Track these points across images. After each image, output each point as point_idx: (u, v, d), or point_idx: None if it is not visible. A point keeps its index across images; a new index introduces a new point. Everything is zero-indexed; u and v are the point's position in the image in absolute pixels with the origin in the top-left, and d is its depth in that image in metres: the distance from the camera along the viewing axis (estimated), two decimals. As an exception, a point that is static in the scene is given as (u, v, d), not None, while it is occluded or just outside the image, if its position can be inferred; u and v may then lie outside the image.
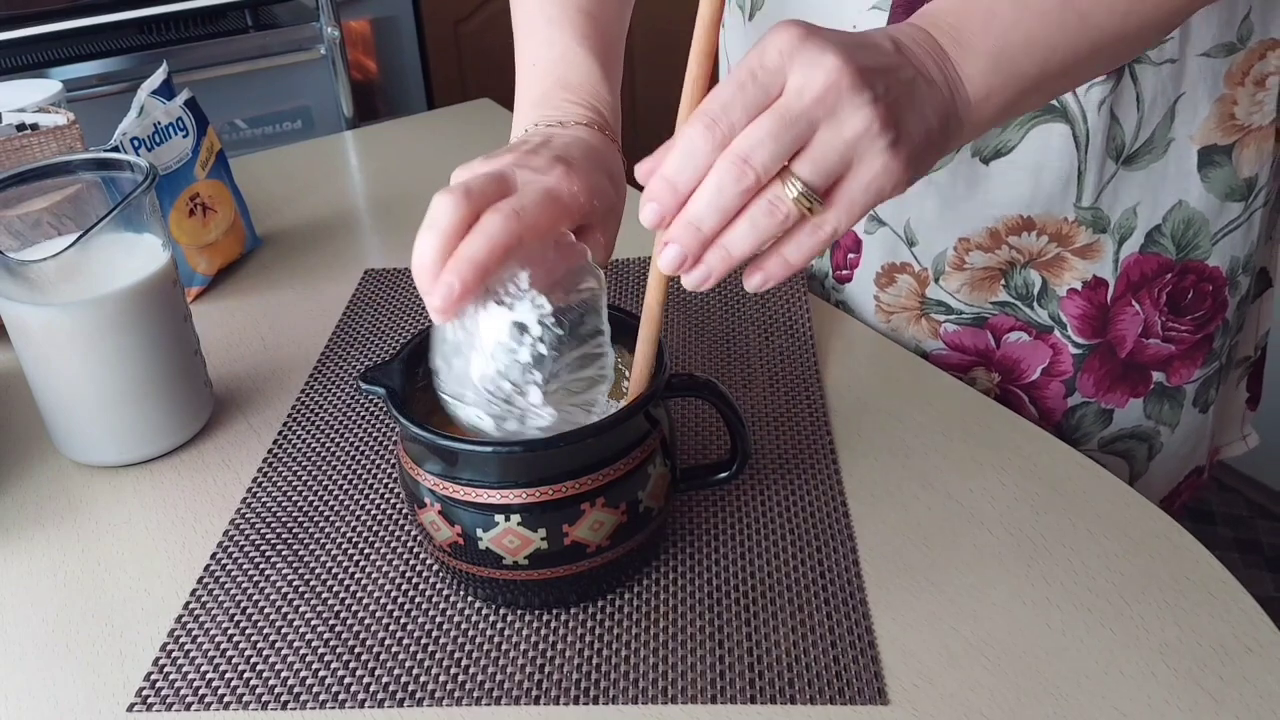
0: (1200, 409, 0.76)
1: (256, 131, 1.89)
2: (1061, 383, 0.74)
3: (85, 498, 0.63)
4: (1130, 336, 0.72)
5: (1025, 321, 0.74)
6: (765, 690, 0.48)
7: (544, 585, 0.51)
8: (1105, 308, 0.71)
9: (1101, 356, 0.73)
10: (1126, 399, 0.74)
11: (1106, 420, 0.75)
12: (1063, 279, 0.71)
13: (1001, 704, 0.47)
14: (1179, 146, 0.67)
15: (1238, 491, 1.88)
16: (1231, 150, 0.67)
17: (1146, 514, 0.57)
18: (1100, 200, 0.68)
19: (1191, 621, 0.50)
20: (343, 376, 0.73)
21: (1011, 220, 0.70)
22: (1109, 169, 0.67)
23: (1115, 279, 0.70)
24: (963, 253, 0.72)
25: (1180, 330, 0.72)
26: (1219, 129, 0.67)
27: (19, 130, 0.78)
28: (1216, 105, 0.66)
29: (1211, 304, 0.72)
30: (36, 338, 0.61)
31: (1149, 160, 0.67)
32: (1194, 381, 0.74)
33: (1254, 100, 0.66)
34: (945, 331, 0.76)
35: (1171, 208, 0.68)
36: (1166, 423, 0.75)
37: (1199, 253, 0.70)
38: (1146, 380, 0.74)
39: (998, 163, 0.68)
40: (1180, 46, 0.64)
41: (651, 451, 0.51)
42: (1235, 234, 0.70)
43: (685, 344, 0.74)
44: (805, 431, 0.65)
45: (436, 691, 0.49)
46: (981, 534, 0.56)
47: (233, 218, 0.88)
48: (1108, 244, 0.70)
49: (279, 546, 0.58)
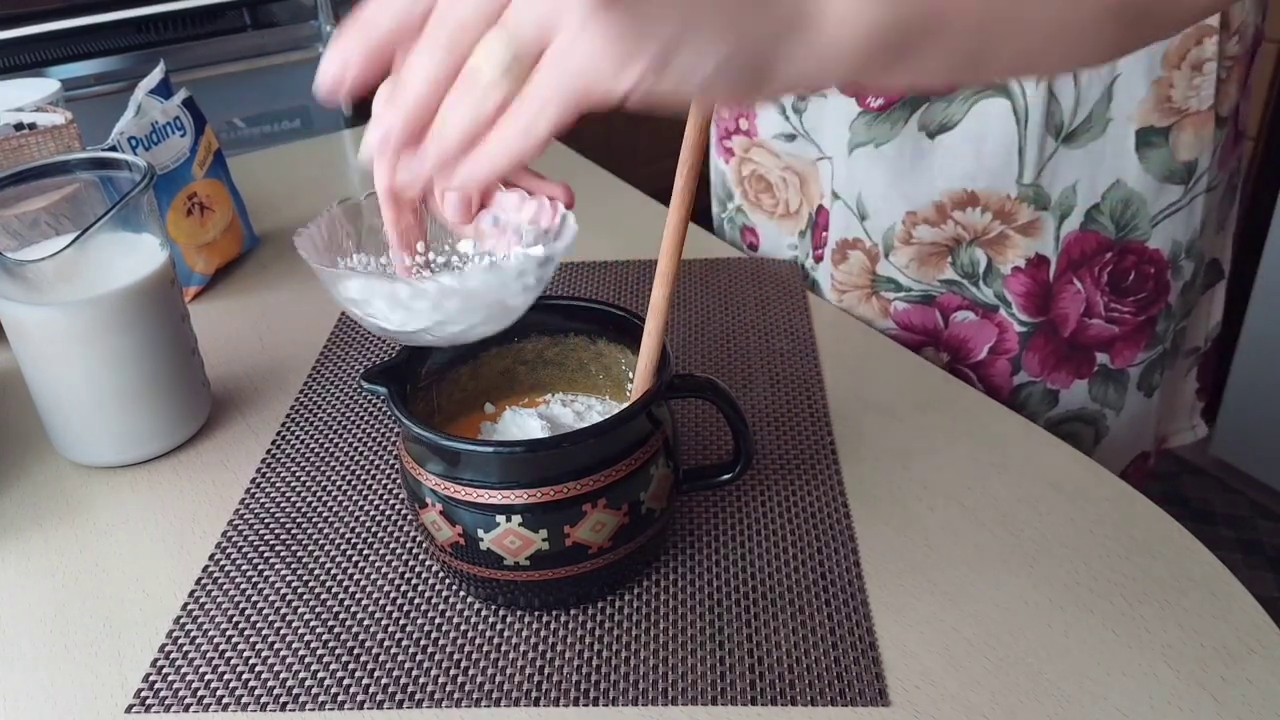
0: (1145, 393, 0.78)
1: (255, 131, 1.88)
2: (1008, 360, 0.76)
3: (83, 498, 0.62)
4: (1073, 315, 0.73)
5: (971, 300, 0.75)
6: (766, 691, 0.48)
7: (545, 586, 0.51)
8: (1048, 285, 0.73)
9: (1046, 335, 0.74)
10: (1071, 380, 0.76)
11: (1052, 401, 0.77)
12: (1006, 256, 0.73)
13: (1002, 704, 0.47)
14: (1117, 126, 0.68)
15: (1240, 492, 1.88)
16: (1169, 132, 0.68)
17: (1148, 514, 0.57)
18: (1041, 177, 0.70)
19: (1193, 622, 0.50)
20: (342, 376, 0.73)
21: (957, 194, 0.72)
22: (1049, 146, 0.69)
23: (1056, 256, 0.72)
24: (910, 227, 0.74)
25: (1123, 311, 0.73)
26: (1155, 110, 0.68)
27: (16, 130, 0.78)
28: (1154, 87, 0.67)
29: (1154, 286, 0.73)
30: (34, 338, 0.61)
31: (1088, 139, 0.69)
32: (1137, 364, 0.76)
33: (1191, 84, 0.67)
34: (895, 310, 0.78)
35: (1110, 187, 0.70)
36: (1111, 406, 0.77)
37: (1138, 233, 0.71)
38: (1090, 361, 0.75)
39: (943, 136, 0.71)
40: None
41: (654, 452, 0.51)
42: (1176, 217, 0.71)
43: (685, 344, 0.74)
44: (806, 432, 0.64)
45: (436, 693, 0.49)
46: (982, 534, 0.56)
47: (231, 217, 0.87)
48: (1049, 221, 0.71)
49: (278, 547, 0.58)
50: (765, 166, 0.85)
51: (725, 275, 0.83)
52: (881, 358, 0.72)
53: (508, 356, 0.59)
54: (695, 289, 0.81)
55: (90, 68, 1.72)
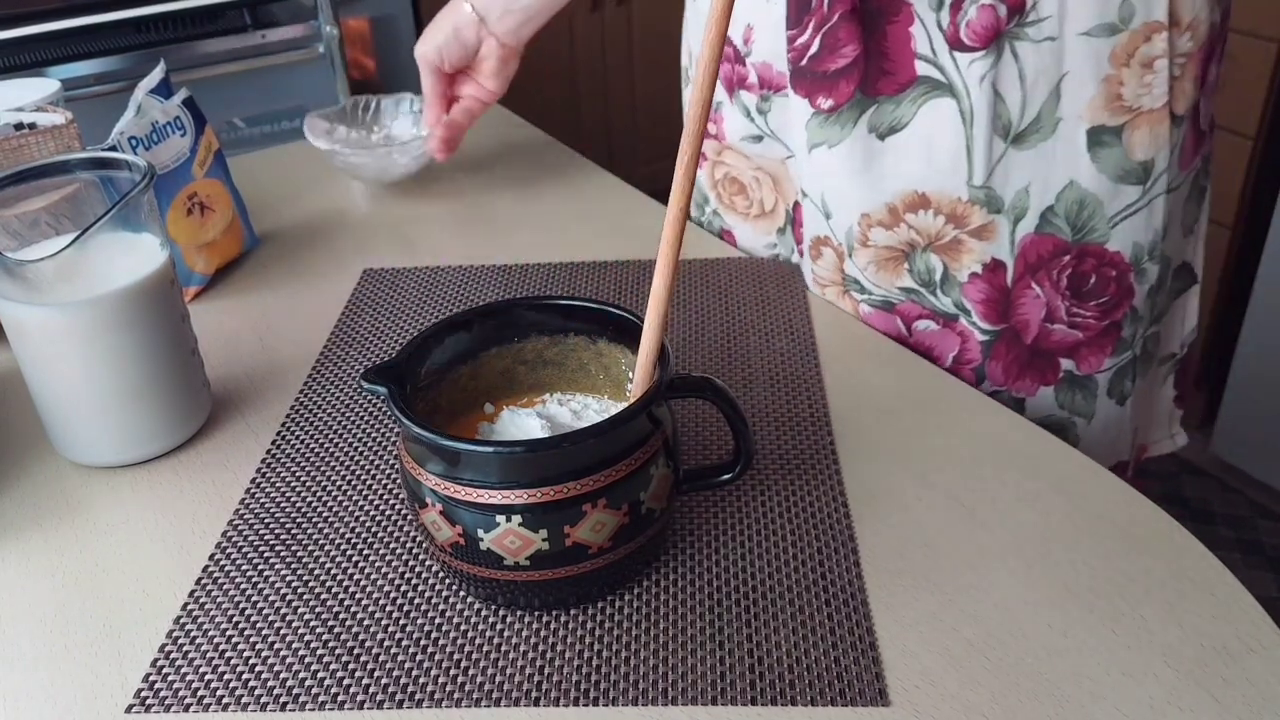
0: (1116, 400, 0.77)
1: (255, 131, 1.89)
2: (972, 370, 0.75)
3: (83, 498, 0.62)
4: (1034, 321, 0.73)
5: (931, 309, 0.75)
6: (766, 691, 0.48)
7: (545, 586, 0.51)
8: (1006, 291, 0.72)
9: (1008, 342, 0.74)
10: (1036, 387, 0.75)
11: (1019, 410, 0.76)
12: (962, 263, 0.72)
13: (1002, 704, 0.47)
14: (1068, 126, 0.67)
15: (1239, 492, 1.88)
16: (1121, 131, 0.68)
17: (1148, 514, 0.57)
18: (992, 180, 0.69)
19: (1193, 622, 0.50)
20: (342, 377, 0.73)
21: (908, 196, 0.71)
22: (998, 147, 0.68)
23: (1013, 260, 0.71)
24: (865, 229, 0.74)
25: (1085, 316, 0.72)
26: (1106, 109, 0.67)
27: (16, 130, 0.78)
28: (1103, 85, 0.66)
29: (1116, 290, 0.72)
30: (34, 338, 0.61)
31: (1037, 140, 0.68)
32: (1105, 371, 0.75)
33: (1142, 82, 0.67)
34: (863, 312, 0.78)
35: (1063, 188, 0.69)
36: (1081, 413, 0.76)
37: (1096, 235, 0.70)
38: (1055, 368, 0.74)
39: (893, 138, 0.70)
40: (1059, 24, 0.65)
41: (654, 452, 0.51)
42: (1135, 218, 0.70)
43: (685, 344, 0.74)
44: (806, 432, 0.64)
45: (436, 693, 0.49)
46: (982, 534, 0.56)
47: (231, 217, 0.87)
48: (1003, 225, 0.70)
49: (278, 547, 0.58)
50: (737, 169, 0.86)
51: (725, 275, 0.83)
52: (881, 358, 0.72)
53: (508, 356, 0.59)
54: (695, 289, 0.81)
55: (90, 68, 1.72)
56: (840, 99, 0.71)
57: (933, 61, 0.67)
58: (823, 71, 0.70)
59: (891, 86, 0.69)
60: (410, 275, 0.85)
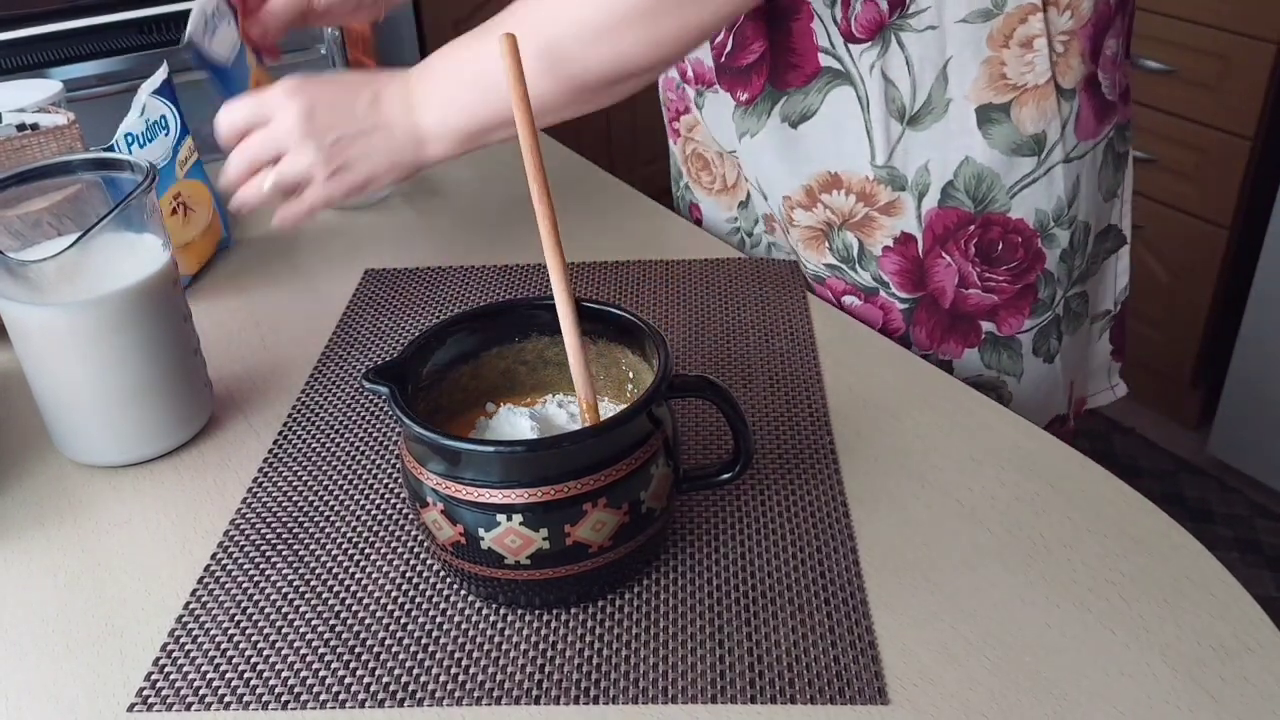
0: (1043, 359, 0.80)
1: (256, 131, 1.88)
2: (898, 339, 0.79)
3: (85, 498, 0.63)
4: (949, 287, 0.77)
5: (853, 285, 0.79)
6: (765, 690, 0.48)
7: (545, 585, 0.51)
8: (919, 260, 0.76)
9: (927, 308, 0.78)
10: (961, 349, 0.79)
11: (948, 371, 0.78)
12: (875, 238, 0.77)
13: (1001, 703, 0.47)
14: (958, 106, 0.72)
15: (1238, 491, 1.88)
16: (1009, 108, 0.71)
17: (1147, 513, 0.57)
18: (893, 159, 0.74)
19: (1191, 621, 0.50)
20: (343, 376, 0.73)
21: (822, 177, 0.76)
22: (894, 129, 0.73)
23: (922, 233, 0.75)
24: (789, 210, 0.80)
25: (998, 280, 0.76)
26: (990, 88, 0.71)
27: (19, 130, 0.78)
28: (984, 67, 0.70)
29: (1024, 255, 0.76)
30: (36, 338, 0.61)
31: (931, 120, 0.72)
32: (1027, 331, 0.78)
33: (1024, 61, 0.70)
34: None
35: (960, 163, 0.73)
36: (1009, 372, 0.80)
37: (998, 205, 0.74)
38: (976, 330, 0.78)
39: (804, 125, 0.76)
40: (938, 14, 0.69)
41: (654, 452, 0.51)
42: (1034, 188, 0.74)
43: (685, 344, 0.74)
44: (805, 432, 0.65)
45: (436, 691, 0.49)
46: (981, 533, 0.56)
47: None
48: (908, 201, 0.75)
49: (279, 546, 0.58)
50: (704, 144, 0.89)
51: (725, 275, 0.83)
52: (881, 357, 0.73)
53: (508, 357, 0.59)
54: (695, 289, 0.81)
55: (93, 69, 1.72)
56: (754, 91, 0.76)
57: (832, 53, 0.72)
58: (737, 66, 0.76)
59: (799, 78, 0.74)
60: (412, 275, 0.85)
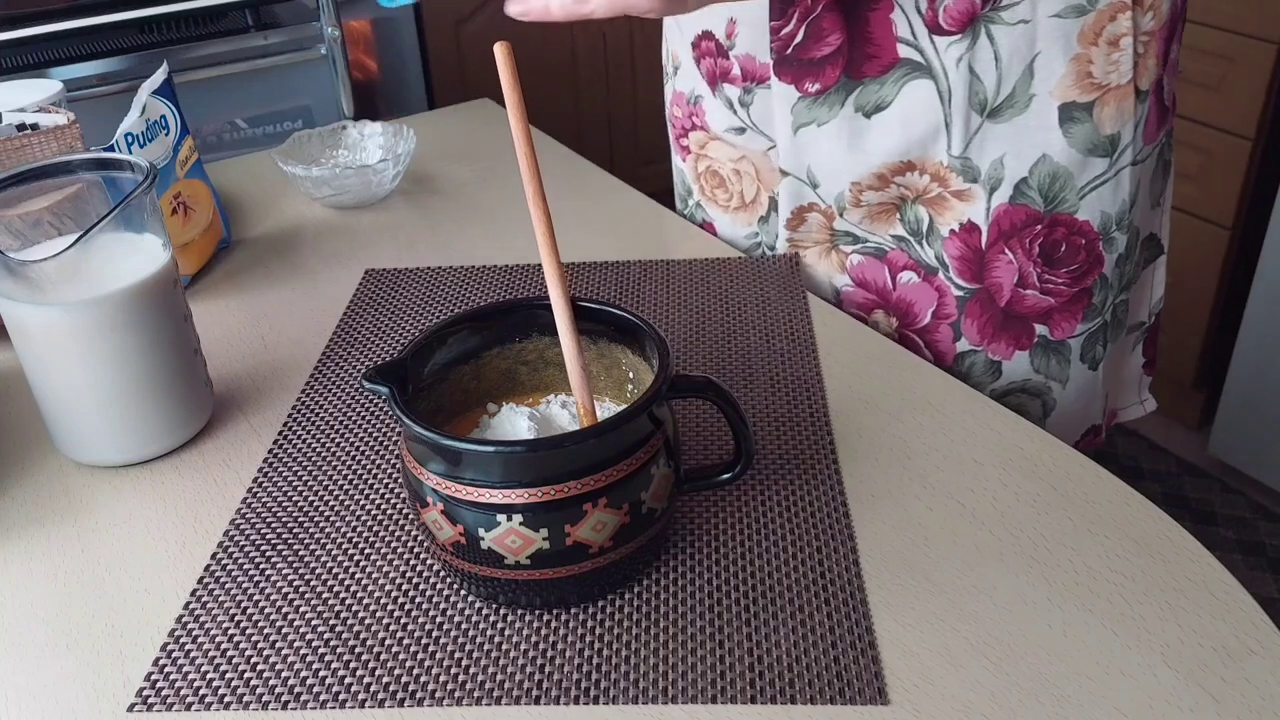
0: (1089, 365, 0.80)
1: (257, 131, 1.89)
2: (949, 326, 0.79)
3: (85, 497, 0.63)
4: (1007, 284, 0.76)
5: (916, 260, 0.79)
6: (766, 690, 0.48)
7: (545, 585, 0.51)
8: (980, 252, 0.76)
9: (982, 303, 0.77)
10: (1012, 350, 0.78)
11: (996, 372, 0.79)
12: (944, 217, 0.76)
13: (1002, 704, 0.47)
14: (1040, 102, 0.71)
15: (1240, 493, 1.88)
16: (1092, 107, 0.71)
17: (1148, 514, 0.57)
18: (969, 150, 0.73)
19: (1193, 622, 0.50)
20: (344, 376, 0.73)
21: (894, 164, 0.76)
22: (974, 121, 0.72)
23: (988, 226, 0.75)
24: (857, 193, 0.79)
25: (1057, 283, 0.76)
26: (1076, 86, 0.71)
27: (19, 130, 0.78)
28: (1072, 64, 0.70)
29: (1085, 257, 0.75)
30: (36, 338, 0.61)
31: (1012, 114, 0.72)
32: (1077, 336, 0.78)
33: (1109, 60, 0.70)
34: (851, 265, 0.82)
35: (1036, 161, 0.72)
36: (1056, 378, 0.79)
37: (1066, 206, 0.74)
38: (1029, 332, 0.77)
39: (878, 116, 0.75)
40: (1032, 8, 0.69)
41: (655, 452, 0.51)
42: (1103, 190, 0.73)
43: (685, 344, 0.74)
44: (806, 432, 0.65)
45: (437, 691, 0.49)
46: (982, 534, 0.56)
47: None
48: (979, 193, 0.74)
49: (279, 546, 0.58)
50: (719, 161, 0.88)
51: (725, 275, 0.83)
52: (881, 358, 0.73)
53: (509, 357, 0.59)
54: (695, 289, 0.81)
55: (93, 68, 1.72)
56: (827, 83, 0.75)
57: (913, 45, 0.71)
58: (809, 59, 0.75)
59: (875, 69, 0.73)
60: (412, 275, 0.85)
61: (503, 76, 0.50)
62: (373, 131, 1.03)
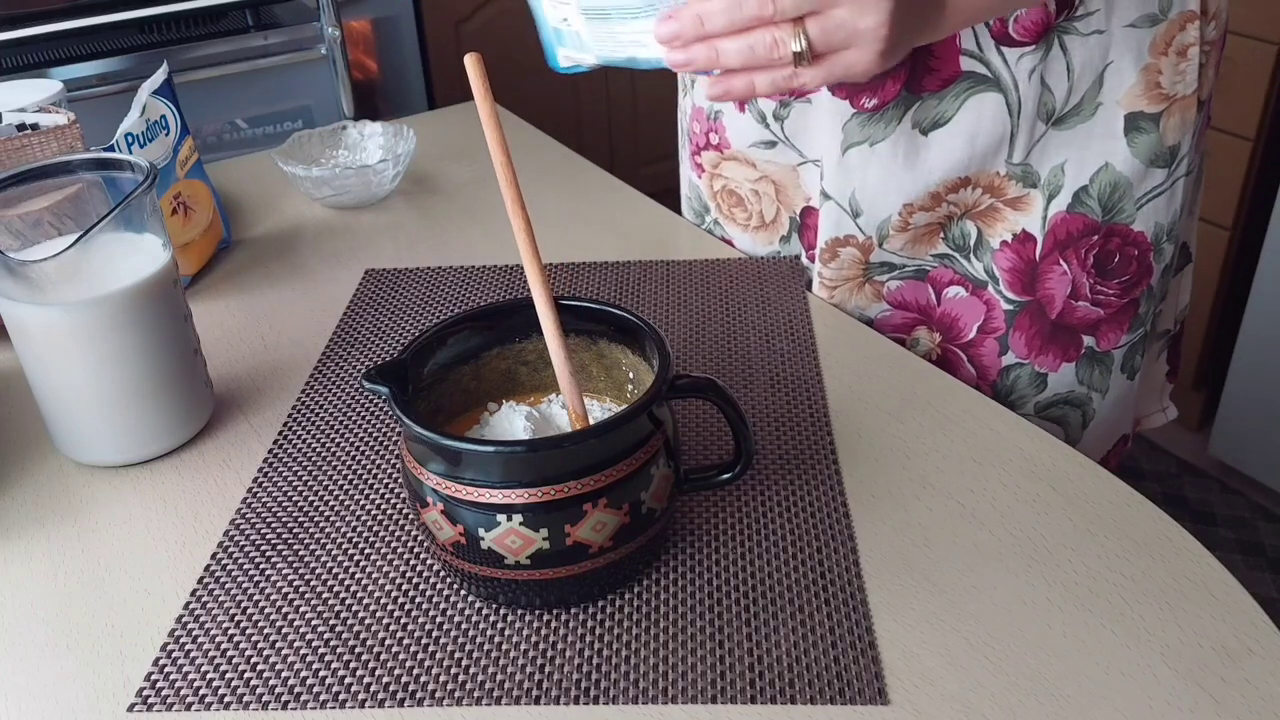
0: (1128, 375, 0.79)
1: (257, 131, 1.89)
2: (995, 340, 0.77)
3: (85, 498, 0.63)
4: (1059, 296, 0.75)
5: (963, 275, 0.77)
6: (766, 690, 0.48)
7: (545, 585, 0.51)
8: (1033, 264, 0.74)
9: (1032, 315, 0.75)
10: (1059, 363, 0.77)
11: (1041, 385, 0.78)
12: (995, 229, 0.75)
13: (1002, 704, 0.47)
14: (1106, 110, 0.70)
15: (1240, 494, 1.88)
16: (1159, 118, 0.70)
17: (1147, 515, 0.57)
18: (1030, 157, 0.72)
19: (1193, 623, 0.50)
20: (343, 377, 0.73)
21: (950, 181, 0.74)
22: (1039, 129, 0.71)
23: (1043, 236, 0.73)
24: (907, 216, 0.76)
25: (1108, 294, 0.75)
26: (1145, 96, 0.70)
27: (19, 130, 0.78)
28: (1142, 74, 0.69)
29: (1137, 268, 0.74)
30: (36, 338, 0.61)
31: (1076, 121, 0.71)
32: (1121, 347, 0.77)
33: (1177, 70, 0.69)
34: (889, 290, 0.80)
35: (1098, 169, 0.71)
36: (1098, 389, 0.78)
37: (1123, 216, 0.73)
38: (1077, 344, 0.76)
39: (936, 133, 0.72)
40: (1106, 18, 0.68)
41: (654, 452, 0.51)
42: (1159, 200, 0.73)
43: (685, 344, 0.74)
44: (806, 432, 0.65)
45: (437, 691, 0.49)
46: (982, 534, 0.56)
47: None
48: (1037, 199, 0.73)
49: (279, 546, 0.58)
50: (735, 181, 0.85)
51: (725, 275, 0.83)
52: (881, 358, 0.73)
53: (509, 357, 0.59)
54: (695, 289, 0.81)
55: (93, 68, 1.72)
56: (887, 97, 0.72)
57: (978, 57, 0.69)
58: None
59: (935, 83, 0.71)
60: (412, 276, 0.85)
61: (475, 88, 0.50)
62: (373, 131, 1.03)
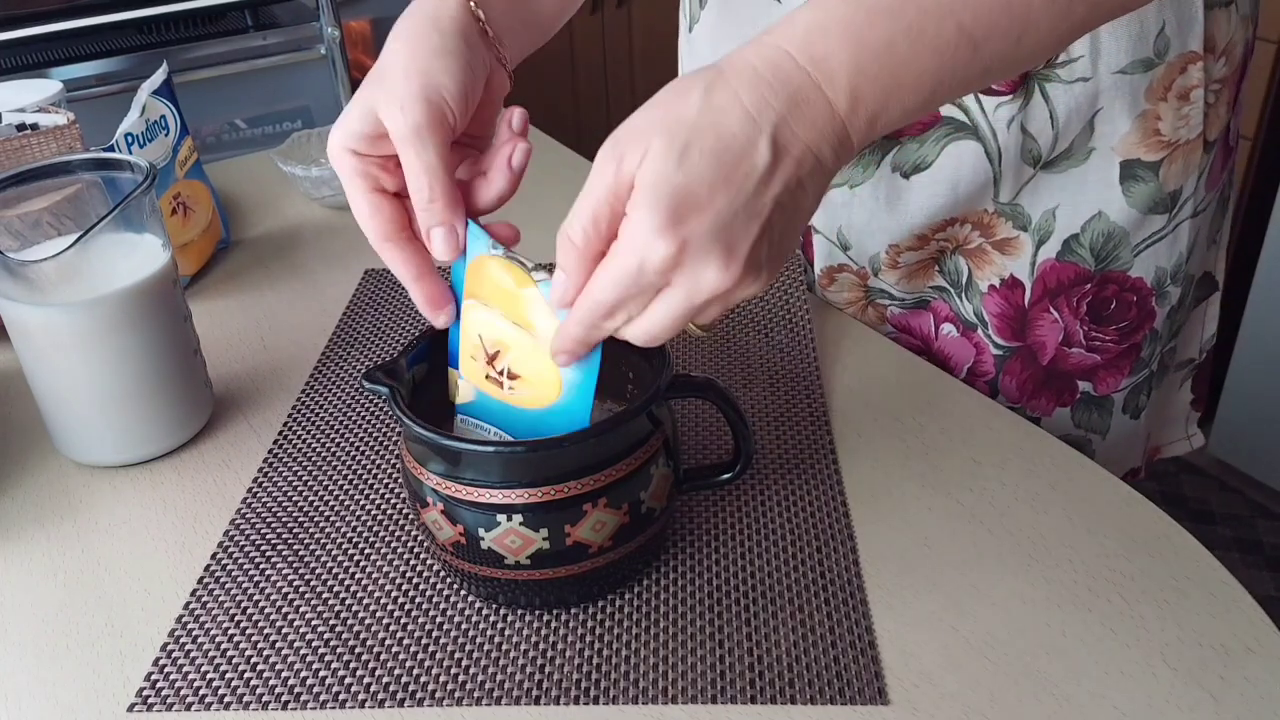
0: (1131, 415, 0.76)
1: (256, 131, 1.89)
2: (986, 384, 0.75)
3: (85, 498, 0.63)
4: (1051, 344, 0.72)
5: (955, 313, 0.75)
6: (765, 690, 0.48)
7: (545, 585, 0.51)
8: (1023, 310, 0.71)
9: (1023, 360, 0.73)
10: (1053, 407, 0.74)
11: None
12: (984, 271, 0.72)
13: (1001, 704, 0.47)
14: (1101, 156, 0.66)
15: (1238, 491, 1.88)
16: (1158, 166, 0.66)
17: (1147, 514, 0.57)
18: (1020, 197, 0.68)
19: (1192, 621, 0.50)
20: (343, 377, 0.73)
21: (936, 224, 0.71)
22: (1026, 173, 0.68)
23: (1031, 283, 0.70)
24: (894, 256, 0.74)
25: (1105, 340, 0.71)
26: (1142, 145, 0.66)
27: (19, 130, 0.78)
28: (1138, 121, 0.65)
29: (1137, 313, 0.71)
30: (36, 338, 0.61)
31: (1069, 165, 0.67)
32: (1121, 390, 0.74)
33: (1179, 115, 0.65)
34: (892, 314, 0.78)
35: (1091, 218, 0.68)
36: (1097, 431, 0.75)
37: (1119, 264, 0.69)
38: (1072, 389, 0.73)
39: (918, 177, 0.70)
40: (1092, 65, 0.63)
41: (654, 452, 0.51)
42: (1159, 246, 0.69)
43: (685, 344, 0.74)
44: (805, 432, 0.65)
45: (436, 691, 0.49)
46: (981, 534, 0.56)
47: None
48: (1026, 243, 0.70)
49: (279, 546, 0.58)
50: None
51: (726, 276, 0.83)
52: (881, 358, 0.73)
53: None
54: (696, 289, 0.81)
55: (93, 69, 1.72)
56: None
57: (956, 103, 0.67)
58: None
59: (915, 127, 0.68)
60: (411, 276, 0.85)
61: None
62: None
